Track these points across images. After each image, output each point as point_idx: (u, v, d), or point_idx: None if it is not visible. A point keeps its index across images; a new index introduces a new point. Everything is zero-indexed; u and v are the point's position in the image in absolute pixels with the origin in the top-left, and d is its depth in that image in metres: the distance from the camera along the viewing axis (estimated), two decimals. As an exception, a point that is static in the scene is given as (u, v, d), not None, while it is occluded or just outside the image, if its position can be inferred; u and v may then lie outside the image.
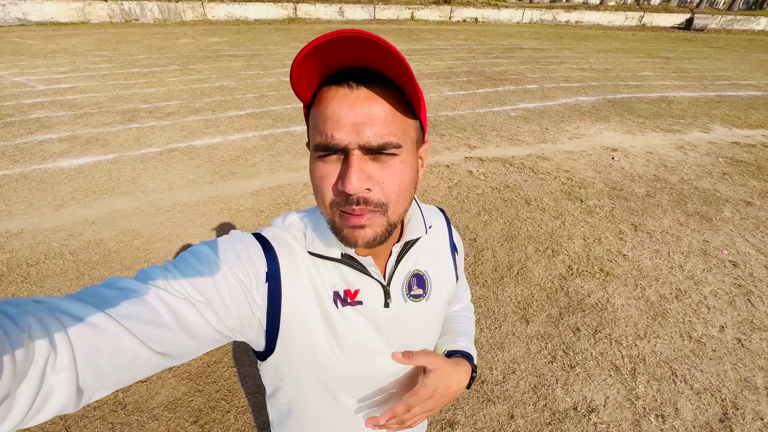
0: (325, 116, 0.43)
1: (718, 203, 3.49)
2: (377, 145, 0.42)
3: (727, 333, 2.13)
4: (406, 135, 0.45)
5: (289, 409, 0.63)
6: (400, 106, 0.44)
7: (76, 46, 9.82)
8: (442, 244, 0.66)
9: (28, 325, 0.31)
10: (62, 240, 2.69)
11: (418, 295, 0.61)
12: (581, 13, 20.95)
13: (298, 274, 0.53)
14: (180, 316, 0.42)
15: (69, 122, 4.75)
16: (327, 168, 0.45)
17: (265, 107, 5.53)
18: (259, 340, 0.53)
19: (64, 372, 0.33)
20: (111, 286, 0.41)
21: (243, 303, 0.47)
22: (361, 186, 0.42)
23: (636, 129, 5.32)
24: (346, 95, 0.42)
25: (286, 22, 16.86)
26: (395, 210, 0.47)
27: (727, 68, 10.08)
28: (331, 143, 0.42)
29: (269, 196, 3.32)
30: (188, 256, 0.47)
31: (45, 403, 0.32)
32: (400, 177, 0.45)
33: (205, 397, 1.70)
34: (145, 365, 0.40)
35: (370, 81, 0.42)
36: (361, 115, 0.42)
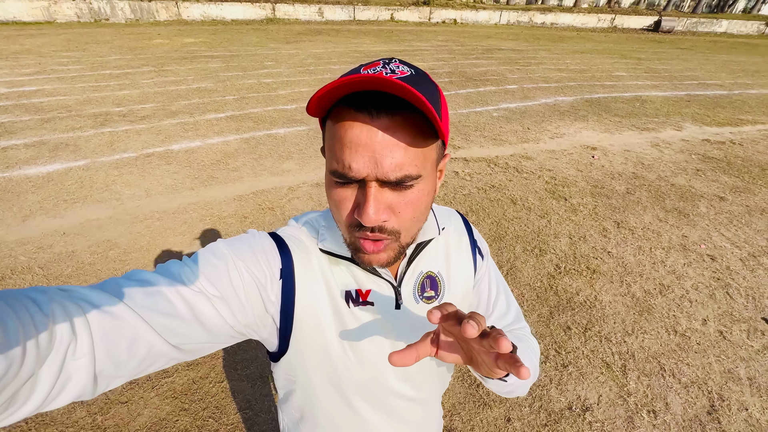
0: (343, 143, 0.41)
1: (693, 199, 3.62)
2: (395, 178, 0.41)
3: (710, 326, 2.20)
4: (426, 161, 0.44)
5: (302, 414, 0.63)
6: (421, 132, 0.42)
7: (41, 46, 9.34)
8: (459, 246, 0.64)
9: (53, 311, 0.33)
10: (30, 253, 2.52)
11: (430, 297, 0.60)
12: (556, 15, 21.50)
13: (312, 271, 0.53)
14: (195, 310, 0.42)
15: (35, 127, 4.50)
16: (343, 193, 0.44)
17: (245, 109, 5.40)
18: (273, 339, 0.53)
19: (83, 359, 0.34)
20: (131, 278, 0.42)
21: (257, 299, 0.48)
22: (378, 218, 0.42)
23: (613, 128, 5.47)
24: (365, 123, 0.40)
25: (264, 22, 16.58)
26: (408, 234, 0.47)
27: (695, 68, 10.53)
28: (349, 174, 0.42)
29: (253, 201, 3.23)
30: (205, 253, 0.48)
31: (64, 388, 0.34)
32: (416, 205, 0.45)
33: (192, 416, 1.62)
34: (160, 356, 0.41)
35: (391, 107, 0.40)
36: (381, 145, 0.40)
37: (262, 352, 1.93)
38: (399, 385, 0.61)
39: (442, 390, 0.72)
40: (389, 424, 0.64)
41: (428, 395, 0.67)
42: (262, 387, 1.76)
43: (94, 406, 1.63)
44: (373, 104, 0.40)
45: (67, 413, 1.60)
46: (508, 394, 0.62)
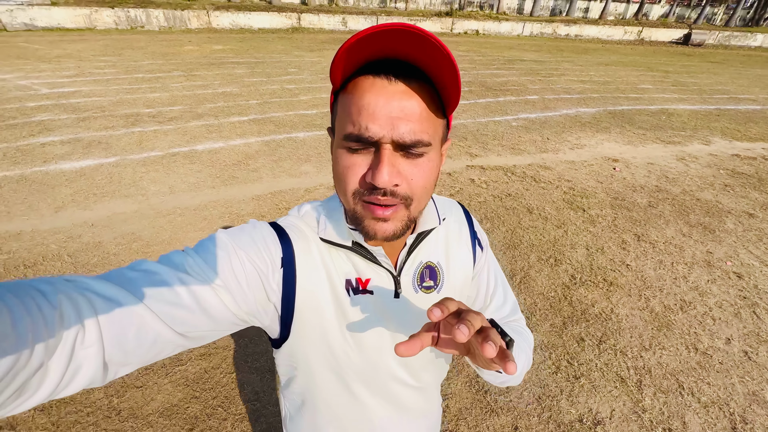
0: (360, 106, 0.42)
1: (720, 215, 3.48)
2: (410, 141, 0.42)
3: (734, 345, 2.10)
4: (435, 133, 0.46)
5: (303, 400, 0.64)
6: (433, 104, 0.44)
7: (81, 51, 9.91)
8: (459, 237, 0.64)
9: (60, 302, 0.33)
10: (61, 242, 2.66)
11: (429, 287, 0.60)
12: (581, 27, 21.27)
13: (312, 259, 0.54)
14: (199, 299, 0.43)
15: (72, 125, 4.76)
16: (354, 158, 0.44)
17: (267, 113, 5.55)
18: (274, 326, 0.54)
19: (92, 347, 0.35)
20: (136, 269, 0.43)
21: (259, 288, 0.49)
22: (391, 180, 0.43)
23: (637, 140, 5.34)
24: (383, 87, 0.41)
25: (289, 31, 17.08)
26: (418, 206, 0.48)
27: (726, 83, 10.18)
28: (365, 135, 0.42)
29: (270, 201, 3.31)
30: (207, 243, 0.49)
31: (74, 376, 0.34)
32: (427, 174, 0.46)
33: (202, 404, 1.66)
34: (167, 344, 0.42)
35: (408, 75, 0.42)
36: (398, 109, 0.41)
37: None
38: (398, 372, 0.61)
39: (441, 378, 0.73)
40: (388, 410, 0.64)
41: (427, 383, 0.67)
42: (271, 380, 1.79)
43: (110, 389, 1.70)
44: (391, 71, 0.41)
45: (86, 395, 1.67)
46: (502, 384, 0.63)
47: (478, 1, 22.73)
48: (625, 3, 24.98)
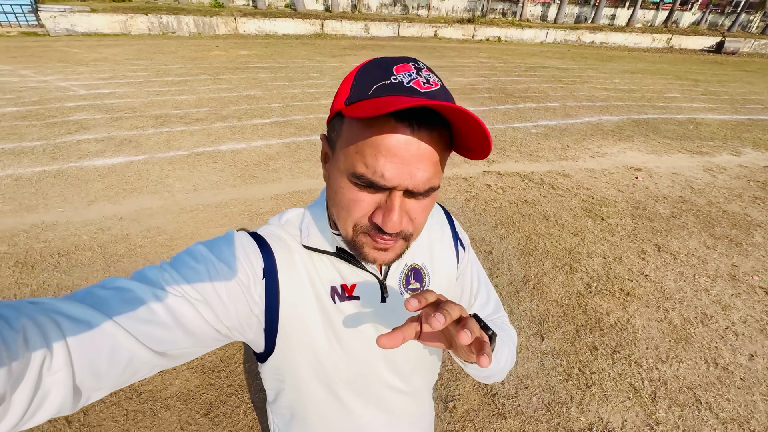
0: (378, 150, 0.40)
1: (749, 228, 3.35)
2: (424, 190, 0.43)
3: (757, 362, 2.02)
4: (442, 172, 0.46)
5: (292, 414, 0.62)
6: (446, 146, 0.44)
7: (116, 55, 10.43)
8: (441, 238, 0.65)
9: (23, 326, 0.31)
10: (92, 233, 2.82)
11: (415, 289, 0.60)
12: (606, 35, 20.86)
13: (295, 269, 0.52)
14: (177, 315, 0.41)
15: (106, 124, 5.02)
16: (362, 195, 0.43)
17: (288, 116, 5.70)
18: (259, 340, 0.52)
19: (60, 372, 0.33)
20: (107, 287, 0.40)
21: (241, 300, 0.47)
22: (401, 227, 0.43)
23: (661, 150, 5.20)
24: (405, 134, 0.40)
25: (313, 37, 17.46)
26: (416, 236, 0.49)
27: (761, 92, 9.77)
28: (379, 183, 0.41)
29: (289, 201, 3.40)
30: (184, 256, 0.47)
31: (42, 404, 0.32)
32: (429, 210, 0.47)
33: (217, 391, 1.73)
34: (143, 365, 0.40)
35: (431, 122, 0.41)
36: (417, 159, 0.40)
37: (285, 341, 2.02)
38: (388, 377, 0.60)
39: (432, 382, 0.73)
40: (380, 417, 0.63)
41: (417, 387, 0.67)
42: (283, 372, 1.84)
43: (133, 372, 1.79)
44: (415, 117, 0.40)
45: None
46: (486, 379, 0.64)
47: (501, 8, 22.63)
48: (654, 10, 24.33)
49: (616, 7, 23.62)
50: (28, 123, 4.94)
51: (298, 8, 19.38)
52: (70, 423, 1.57)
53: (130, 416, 1.61)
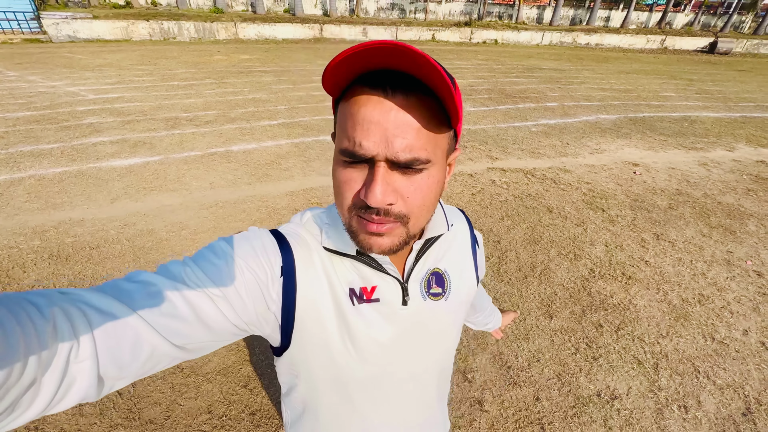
0: (355, 121, 0.41)
1: (742, 217, 3.52)
2: (405, 160, 0.41)
3: (751, 336, 2.17)
4: (437, 148, 0.43)
5: (304, 408, 0.62)
6: (435, 117, 0.42)
7: (120, 60, 10.58)
8: (463, 244, 0.65)
9: (53, 315, 0.32)
10: (118, 228, 2.95)
11: (437, 294, 0.59)
12: (602, 36, 21.17)
13: (314, 269, 0.53)
14: (198, 310, 0.42)
15: (118, 127, 5.16)
16: (350, 173, 0.44)
17: (295, 118, 5.85)
18: (275, 335, 0.53)
19: (86, 361, 0.34)
20: (132, 280, 0.42)
21: (259, 297, 0.48)
22: (384, 200, 0.41)
23: (658, 146, 5.38)
24: (379, 100, 0.39)
25: (312, 41, 17.67)
26: (416, 223, 0.46)
27: (753, 90, 10.01)
28: (359, 152, 0.41)
29: (303, 197, 3.54)
30: (206, 252, 0.48)
31: (68, 391, 0.33)
32: (426, 191, 0.44)
33: (254, 366, 1.86)
34: (163, 357, 0.41)
35: (408, 87, 0.39)
36: (393, 125, 0.39)
37: (311, 322, 2.16)
38: (403, 384, 0.60)
39: (445, 392, 0.73)
40: (391, 423, 0.63)
41: (431, 396, 0.66)
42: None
43: (173, 351, 1.92)
44: (389, 82, 0.39)
45: (152, 354, 1.90)
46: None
47: (497, 11, 22.94)
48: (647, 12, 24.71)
49: (610, 9, 23.98)
50: (43, 126, 5.07)
51: (297, 13, 19.61)
52: (121, 395, 1.70)
53: (176, 389, 1.74)
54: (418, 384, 0.62)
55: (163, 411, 1.66)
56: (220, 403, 1.69)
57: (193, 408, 1.68)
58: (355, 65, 0.39)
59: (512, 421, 1.68)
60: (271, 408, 1.70)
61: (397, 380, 0.59)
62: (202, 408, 1.68)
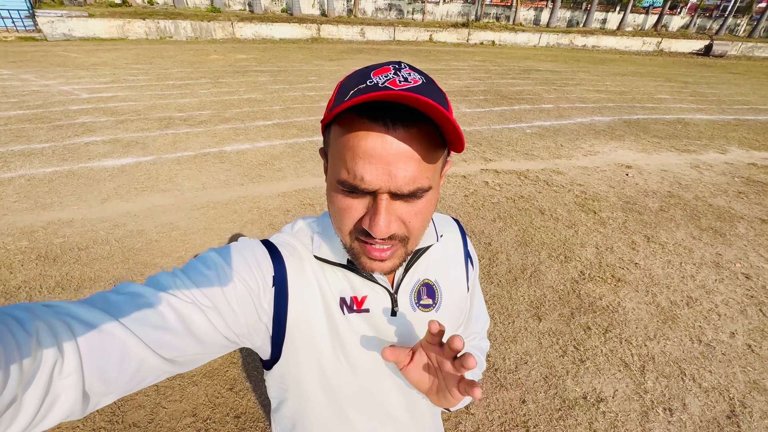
0: (355, 153, 0.40)
1: (732, 220, 3.54)
2: (408, 191, 0.41)
3: (738, 339, 2.19)
4: (436, 173, 0.44)
5: (294, 424, 0.61)
6: (434, 144, 0.42)
7: (115, 59, 10.53)
8: (455, 255, 0.64)
9: (36, 329, 0.31)
10: (108, 229, 2.93)
11: (427, 305, 0.59)
12: (598, 38, 21.27)
13: (306, 278, 0.52)
14: (188, 321, 0.41)
15: (111, 127, 5.13)
16: (351, 202, 0.43)
17: (290, 118, 5.84)
18: (266, 347, 0.53)
19: (71, 377, 0.33)
20: (120, 292, 0.41)
21: (250, 308, 0.47)
22: (389, 231, 0.42)
23: (651, 148, 5.40)
24: (380, 135, 0.39)
25: (309, 41, 17.66)
26: (415, 240, 0.48)
27: (747, 93, 10.08)
28: (361, 186, 0.41)
29: (295, 198, 3.53)
30: (196, 263, 0.47)
31: (51, 408, 0.32)
32: (425, 214, 0.45)
33: (240, 368, 1.85)
34: (151, 371, 0.40)
35: (407, 118, 0.39)
36: (395, 158, 0.39)
37: (299, 325, 2.16)
38: (394, 396, 0.59)
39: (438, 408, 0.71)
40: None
41: (423, 410, 0.65)
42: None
43: (159, 354, 1.91)
44: (389, 114, 0.38)
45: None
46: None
47: (495, 13, 23.01)
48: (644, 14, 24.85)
49: (607, 11, 24.11)
50: (35, 126, 5.04)
51: (294, 13, 19.59)
52: (105, 398, 1.69)
53: (161, 391, 1.73)
54: (410, 396, 0.61)
55: (147, 414, 1.65)
56: (204, 406, 1.69)
57: (177, 411, 1.67)
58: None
59: (498, 424, 1.68)
60: (257, 411, 1.70)
61: (388, 392, 0.59)
62: (186, 411, 1.67)
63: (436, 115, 0.37)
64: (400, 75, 0.40)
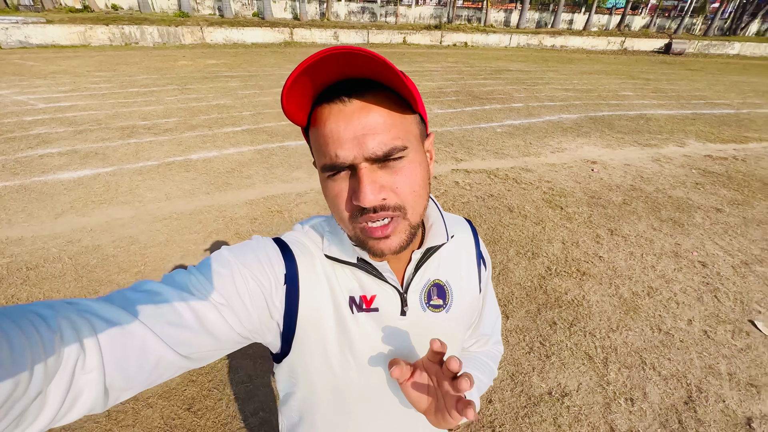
0: (325, 136, 0.43)
1: (690, 210, 3.69)
2: (383, 153, 0.42)
3: (695, 326, 2.27)
4: (409, 134, 0.45)
5: (301, 417, 0.62)
6: (396, 106, 0.44)
7: (76, 67, 10.09)
8: (467, 255, 0.64)
9: (60, 326, 0.32)
10: (61, 246, 2.78)
11: (437, 306, 0.59)
12: (566, 38, 21.95)
13: (316, 277, 0.53)
14: (203, 319, 0.43)
15: (69, 138, 4.90)
16: (338, 186, 0.45)
17: (260, 124, 5.73)
18: (276, 342, 0.54)
19: (93, 372, 0.34)
20: (138, 289, 0.42)
21: (262, 306, 0.49)
22: (376, 198, 0.43)
23: (615, 143, 5.59)
24: (340, 110, 0.42)
25: (282, 45, 17.45)
26: (414, 210, 0.47)
27: (703, 89, 10.60)
28: (337, 162, 0.43)
29: (263, 205, 3.45)
30: (210, 261, 0.48)
31: (75, 403, 0.33)
32: (412, 178, 0.46)
33: (199, 387, 1.78)
34: (169, 367, 0.41)
35: (362, 90, 0.42)
36: (360, 127, 0.41)
37: (264, 336, 2.09)
38: (400, 395, 0.59)
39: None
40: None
41: None
42: (263, 364, 1.91)
43: (112, 376, 1.81)
44: (342, 92, 0.41)
45: (89, 380, 1.78)
46: None
47: (466, 15, 23.41)
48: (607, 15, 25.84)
49: (573, 12, 24.94)
50: (-16, 139, 4.75)
51: (266, 17, 19.35)
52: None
53: (112, 416, 1.63)
54: None
55: (97, 442, 1.56)
56: (159, 429, 1.60)
57: (130, 436, 1.58)
58: (306, 86, 0.41)
59: (464, 426, 1.67)
60: (218, 429, 1.63)
61: (394, 391, 0.59)
62: (140, 435, 1.58)
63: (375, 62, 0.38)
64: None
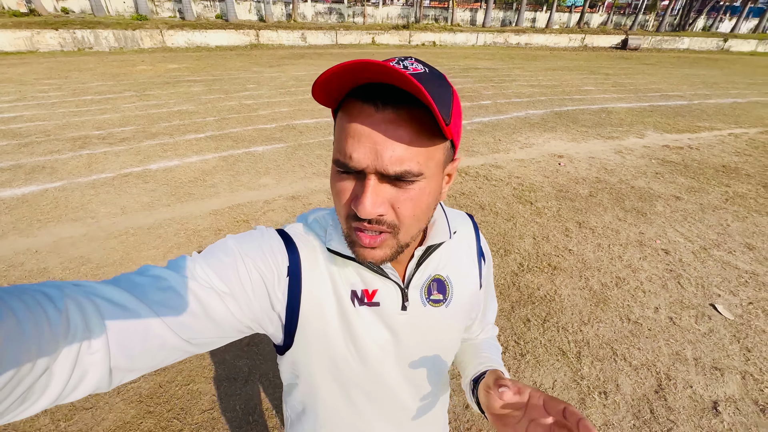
0: (347, 133, 0.42)
1: (651, 199, 3.82)
2: (394, 173, 0.41)
3: (661, 313, 2.32)
4: (429, 160, 0.43)
5: (304, 408, 0.63)
6: (427, 130, 0.41)
7: (22, 75, 9.41)
8: (468, 251, 0.64)
9: (67, 306, 0.33)
10: (1, 271, 2.53)
11: (437, 300, 0.59)
12: (530, 36, 22.57)
13: (319, 270, 0.53)
14: (206, 305, 0.43)
15: (12, 152, 4.53)
16: (344, 184, 0.45)
17: (225, 129, 5.52)
18: (278, 334, 0.54)
19: (98, 353, 0.35)
20: (143, 274, 0.42)
21: (264, 296, 0.49)
22: (374, 211, 0.42)
23: (580, 137, 5.75)
24: (370, 114, 0.40)
25: (248, 48, 16.99)
26: (407, 233, 0.47)
27: (659, 82, 11.14)
28: (350, 164, 0.42)
29: (228, 215, 3.30)
30: (214, 249, 0.49)
31: (80, 382, 0.34)
32: (417, 203, 0.45)
33: (157, 418, 1.64)
34: (173, 351, 0.42)
35: (398, 101, 0.40)
36: (382, 139, 0.40)
37: (230, 355, 1.97)
38: (400, 386, 0.61)
39: (444, 398, 0.73)
40: (389, 423, 0.64)
41: (429, 401, 0.67)
42: (228, 387, 1.79)
43: (58, 413, 1.64)
44: (380, 96, 0.40)
45: (30, 421, 1.61)
46: None
47: (433, 14, 23.64)
48: (567, 13, 26.80)
49: (536, 11, 25.70)
50: None
51: (230, 19, 18.80)
52: (-17, 480, 1.41)
53: (57, 460, 1.48)
54: (417, 388, 0.63)
55: (39, 490, 1.40)
56: (112, 469, 1.47)
57: (79, 480, 1.43)
58: (345, 80, 0.40)
59: None
60: (179, 463, 1.51)
61: (396, 382, 0.60)
62: (90, 478, 1.44)
63: (414, 91, 0.37)
64: (401, 64, 0.41)
